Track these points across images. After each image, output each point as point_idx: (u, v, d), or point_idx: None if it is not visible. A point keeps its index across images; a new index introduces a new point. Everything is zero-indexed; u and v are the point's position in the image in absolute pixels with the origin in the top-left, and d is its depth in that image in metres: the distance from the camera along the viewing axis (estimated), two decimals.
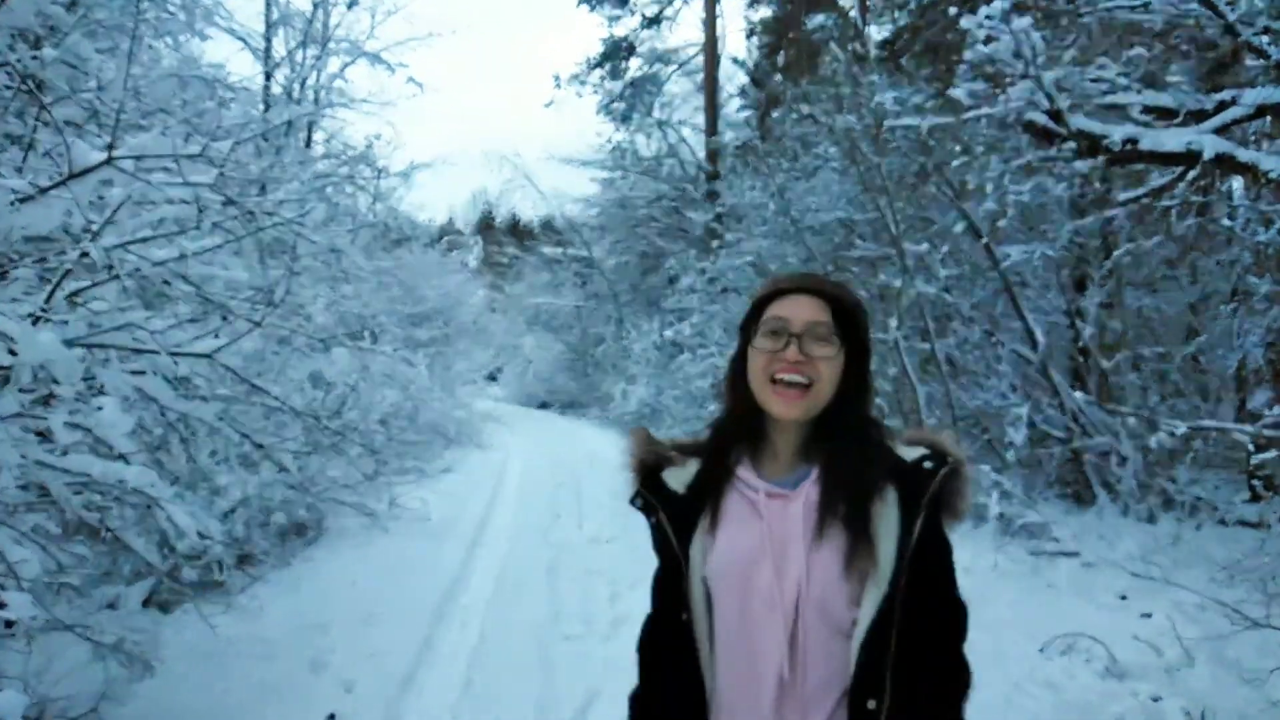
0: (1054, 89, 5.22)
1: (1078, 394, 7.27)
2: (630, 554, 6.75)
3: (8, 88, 3.87)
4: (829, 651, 1.25)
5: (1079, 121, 5.31)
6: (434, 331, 16.77)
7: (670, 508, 1.39)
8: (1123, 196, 6.27)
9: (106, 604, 4.85)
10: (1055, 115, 5.29)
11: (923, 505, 1.26)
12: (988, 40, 4.98)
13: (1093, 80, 5.69)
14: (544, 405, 29.07)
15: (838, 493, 1.28)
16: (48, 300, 3.21)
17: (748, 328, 1.40)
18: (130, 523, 3.97)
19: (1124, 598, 5.37)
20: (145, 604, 4.97)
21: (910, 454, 1.31)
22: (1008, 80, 5.56)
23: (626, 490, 1.46)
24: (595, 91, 23.96)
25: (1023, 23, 4.85)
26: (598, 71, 23.90)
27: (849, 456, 1.30)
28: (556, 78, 24.10)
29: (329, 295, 7.16)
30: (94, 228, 3.20)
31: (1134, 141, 5.18)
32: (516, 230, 39.06)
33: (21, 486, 3.10)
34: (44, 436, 3.25)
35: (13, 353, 2.69)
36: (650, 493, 1.42)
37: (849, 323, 1.35)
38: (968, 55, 5.33)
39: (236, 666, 4.33)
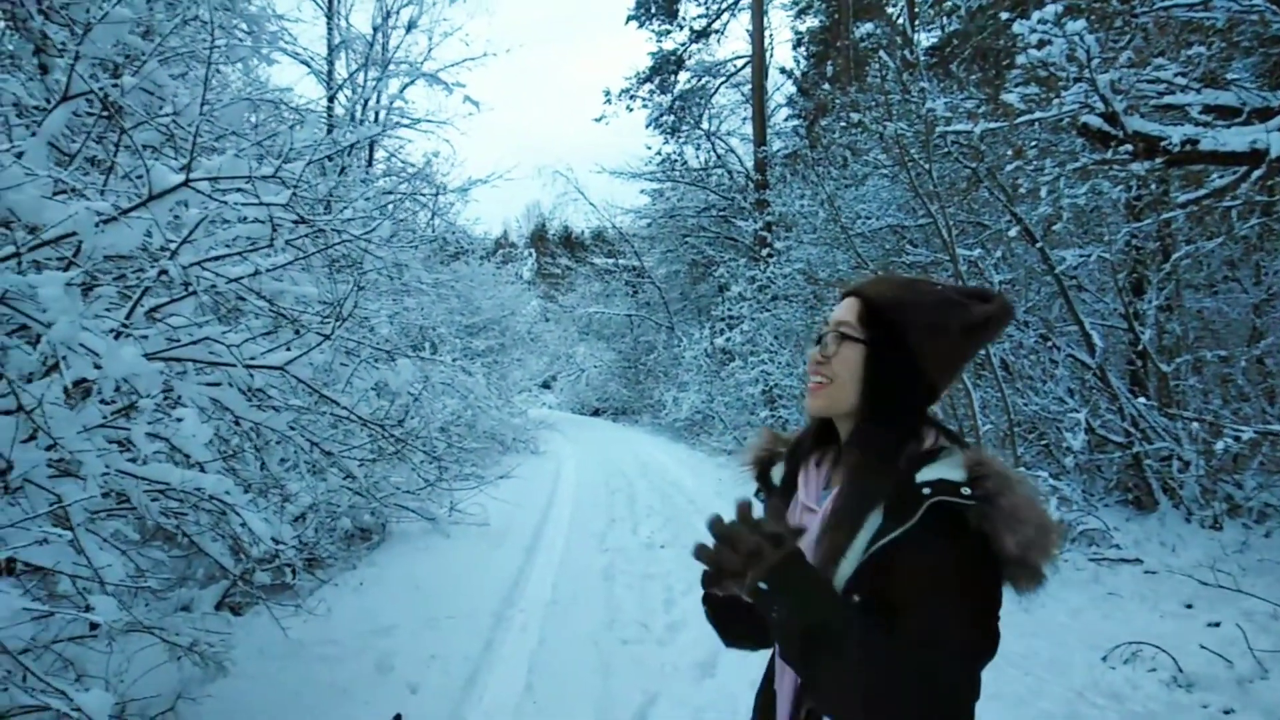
0: (1109, 91, 5.16)
1: (1138, 399, 7.13)
2: (684, 559, 6.80)
3: (89, 114, 4.09)
4: None
5: (1136, 123, 5.24)
6: (490, 341, 17.06)
7: (772, 500, 1.47)
8: (1182, 198, 6.15)
9: (181, 607, 5.05)
10: (1111, 118, 5.23)
11: (896, 530, 1.14)
12: (1041, 44, 4.94)
13: (1150, 81, 5.61)
14: (597, 412, 29.36)
15: (841, 512, 1.24)
16: (128, 316, 3.38)
17: None
18: (205, 528, 4.13)
19: (1189, 606, 5.26)
20: (218, 607, 5.16)
21: (928, 475, 1.17)
22: (1061, 84, 5.51)
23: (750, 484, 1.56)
24: (645, 105, 24.27)
25: (1077, 26, 4.81)
26: (647, 85, 24.20)
27: (857, 478, 1.25)
28: (607, 92, 24.44)
29: (392, 308, 7.37)
30: (172, 246, 3.37)
31: (1194, 142, 5.09)
32: (569, 241, 39.46)
33: (103, 494, 3.26)
34: (123, 446, 3.42)
35: (97, 366, 2.85)
36: (764, 486, 1.51)
37: (880, 320, 1.27)
38: (1020, 60, 5.30)
39: (307, 668, 4.47)
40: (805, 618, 1.12)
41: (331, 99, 10.59)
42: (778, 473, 1.47)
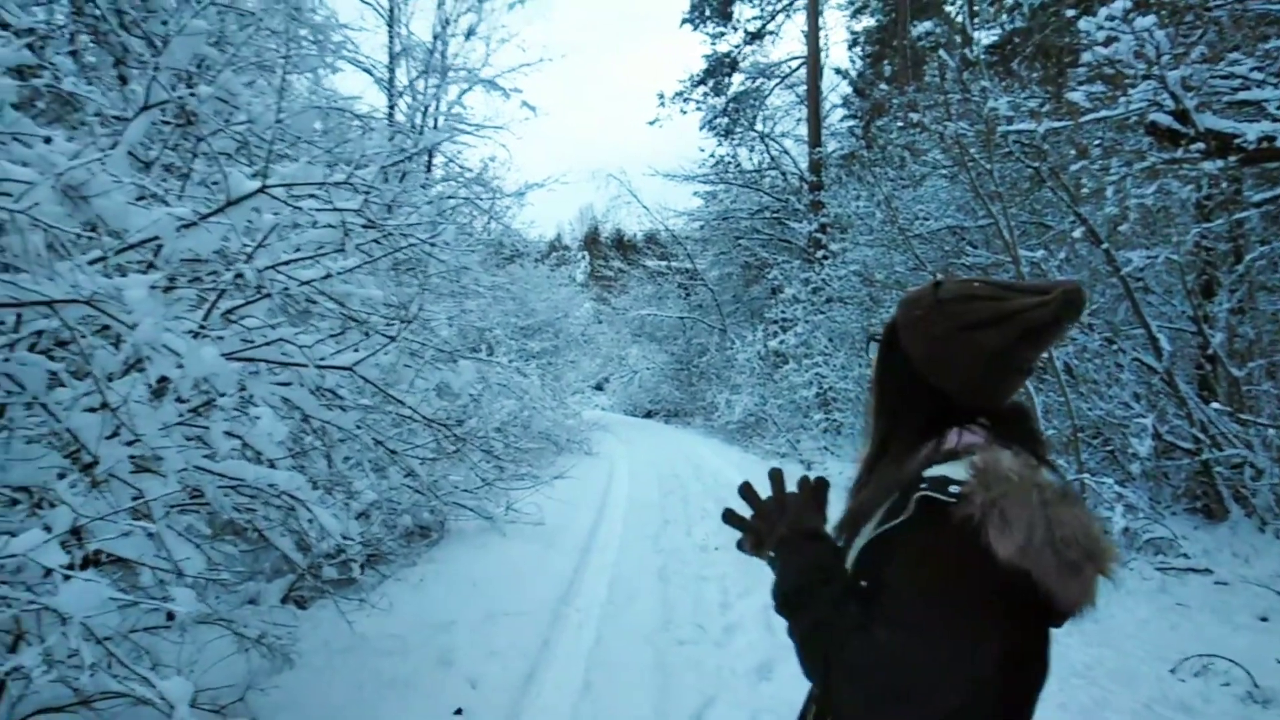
0: (1180, 88, 5.03)
1: (1209, 404, 6.92)
2: (740, 562, 6.79)
3: (164, 122, 4.25)
4: None
5: (1208, 120, 5.10)
6: (544, 343, 17.21)
7: None
8: (1257, 197, 5.97)
9: (248, 600, 5.20)
10: (1181, 115, 5.10)
11: (891, 521, 1.16)
12: (1108, 41, 4.84)
13: (1223, 77, 5.45)
14: (649, 414, 29.41)
15: (851, 516, 1.30)
16: (205, 317, 3.51)
17: None
18: (275, 523, 4.25)
19: (1265, 619, 5.10)
20: (283, 600, 5.30)
21: (935, 470, 1.17)
22: (1128, 81, 5.39)
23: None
24: (698, 108, 24.30)
25: (1145, 22, 4.70)
26: (700, 88, 24.25)
27: (875, 475, 1.31)
28: (661, 95, 24.58)
29: (452, 310, 7.51)
30: (247, 250, 3.48)
31: (1271, 139, 4.93)
32: (621, 244, 39.61)
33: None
34: (198, 442, 3.54)
35: (179, 366, 2.96)
36: None
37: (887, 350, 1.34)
38: (1086, 57, 5.19)
39: (370, 661, 4.57)
40: (797, 582, 1.20)
41: (392, 106, 10.81)
42: None
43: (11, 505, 2.96)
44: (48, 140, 2.50)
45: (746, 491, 1.36)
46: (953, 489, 1.09)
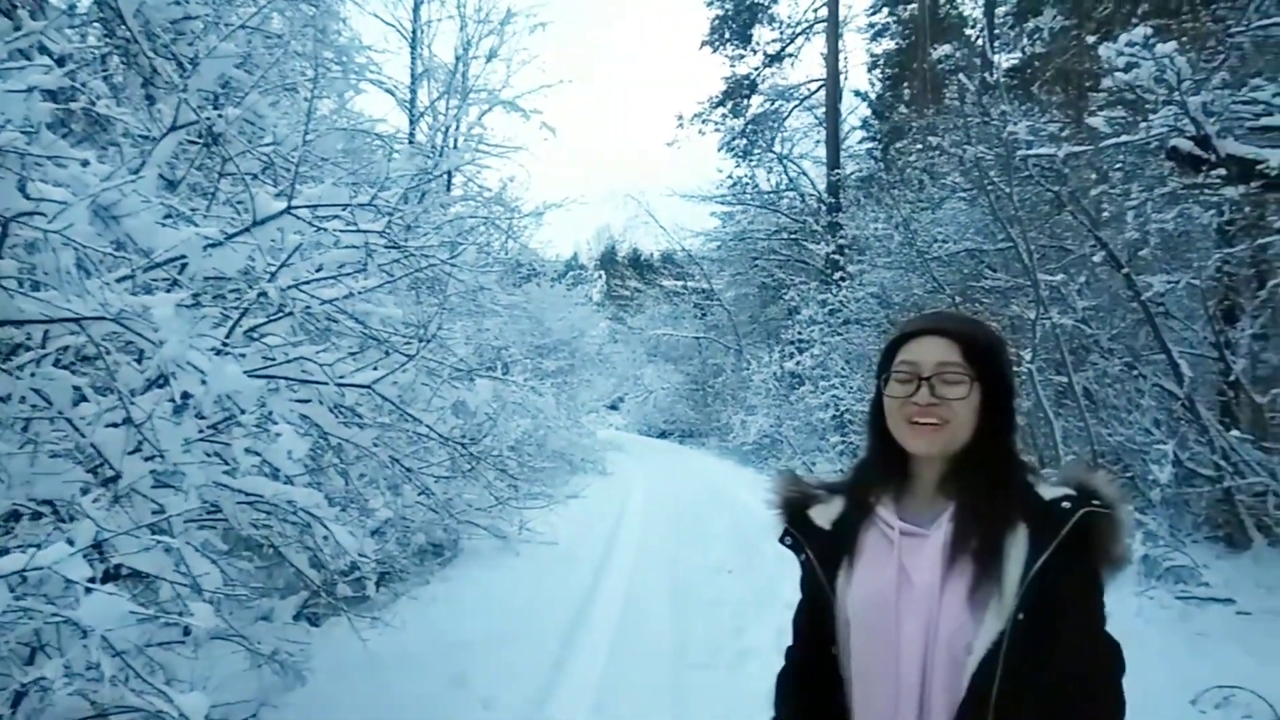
0: (1201, 114, 5.02)
1: (1234, 432, 6.84)
2: (754, 586, 6.75)
3: (191, 142, 4.30)
4: (952, 687, 1.25)
5: (1229, 146, 5.08)
6: (560, 362, 17.23)
7: (816, 543, 1.43)
8: None
9: (261, 616, 5.21)
10: (1202, 141, 5.08)
11: (1052, 543, 1.21)
12: (1128, 67, 4.84)
13: (1245, 103, 5.43)
14: (664, 434, 29.39)
15: (969, 527, 1.27)
16: (228, 335, 3.55)
17: (881, 374, 1.41)
18: (291, 540, 4.26)
19: None
20: (296, 617, 5.30)
21: (1052, 493, 1.27)
22: (1149, 106, 5.39)
23: (774, 528, 1.53)
24: (717, 129, 24.39)
25: (1166, 48, 4.70)
26: (719, 110, 24.34)
27: (983, 491, 1.29)
28: (679, 117, 24.71)
29: (470, 329, 7.57)
30: (270, 269, 3.53)
31: None
32: (638, 264, 39.73)
33: None
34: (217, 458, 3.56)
35: (203, 383, 2.99)
36: (798, 530, 1.48)
37: (982, 359, 1.33)
38: (1106, 83, 5.20)
39: (383, 679, 4.57)
40: None
41: (413, 126, 10.94)
42: (822, 513, 1.47)
43: (36, 519, 3.00)
44: (85, 164, 2.54)
45: None
46: (1095, 503, 1.24)
